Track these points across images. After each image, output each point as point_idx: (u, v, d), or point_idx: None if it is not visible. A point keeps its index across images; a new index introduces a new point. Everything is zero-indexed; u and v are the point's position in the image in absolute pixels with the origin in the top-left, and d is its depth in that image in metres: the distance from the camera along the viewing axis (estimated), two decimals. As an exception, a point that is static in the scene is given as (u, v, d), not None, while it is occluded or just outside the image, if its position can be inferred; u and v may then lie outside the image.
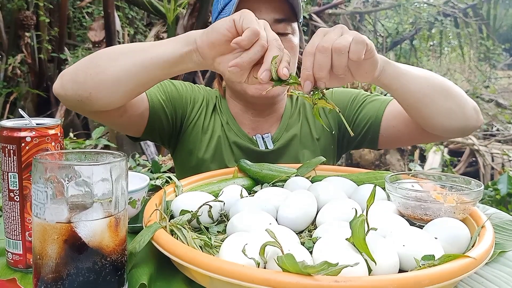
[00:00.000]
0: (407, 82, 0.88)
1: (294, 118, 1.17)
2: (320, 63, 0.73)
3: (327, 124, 1.17)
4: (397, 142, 1.14)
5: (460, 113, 0.95)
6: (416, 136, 1.06)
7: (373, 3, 7.39)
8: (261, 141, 1.13)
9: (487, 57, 7.82)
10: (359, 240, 0.53)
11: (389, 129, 1.09)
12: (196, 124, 1.13)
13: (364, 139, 1.14)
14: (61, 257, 0.50)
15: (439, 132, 0.98)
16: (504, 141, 5.60)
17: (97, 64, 0.83)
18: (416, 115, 0.96)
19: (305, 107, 1.20)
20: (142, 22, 6.07)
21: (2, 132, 0.62)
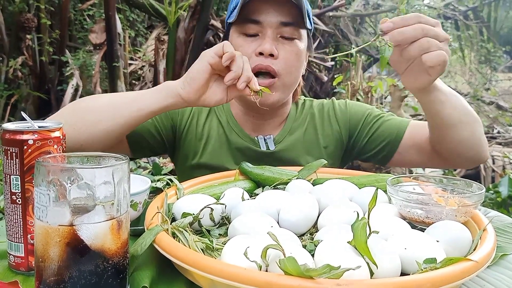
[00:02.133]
0: (450, 104, 0.94)
1: (298, 123, 1.17)
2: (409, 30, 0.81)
3: (338, 133, 1.17)
4: (407, 163, 1.16)
5: (478, 145, 1.01)
6: (427, 161, 1.11)
7: (374, 6, 7.40)
8: (263, 141, 1.13)
9: (488, 60, 7.83)
10: (360, 243, 0.53)
11: (407, 150, 1.12)
12: (188, 131, 1.14)
13: (378, 155, 1.15)
14: (63, 259, 0.50)
15: (453, 158, 1.03)
16: (505, 143, 5.60)
17: (85, 119, 0.91)
18: (441, 136, 1.00)
19: (313, 116, 1.19)
20: (143, 25, 6.09)
21: (4, 135, 0.62)
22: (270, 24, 1.01)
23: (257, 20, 1.01)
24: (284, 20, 1.02)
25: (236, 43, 1.04)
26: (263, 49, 1.01)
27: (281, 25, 1.02)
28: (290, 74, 1.05)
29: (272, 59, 1.01)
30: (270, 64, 1.01)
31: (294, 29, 1.03)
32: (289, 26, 1.02)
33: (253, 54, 1.02)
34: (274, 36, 1.02)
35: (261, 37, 1.03)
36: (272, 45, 1.01)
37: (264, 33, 1.02)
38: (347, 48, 6.59)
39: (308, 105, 1.21)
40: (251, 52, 1.02)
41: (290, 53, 1.03)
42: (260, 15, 1.01)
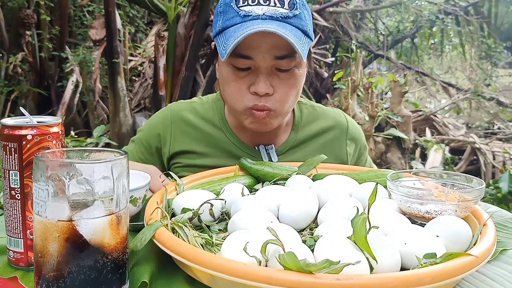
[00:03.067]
0: None
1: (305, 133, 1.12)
2: None
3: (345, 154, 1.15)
4: None
5: None
6: None
7: (374, 1, 7.39)
8: (264, 152, 1.07)
9: (488, 55, 7.81)
10: (360, 238, 0.53)
11: None
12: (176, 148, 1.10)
13: None
14: (62, 255, 0.50)
15: None
16: (505, 139, 5.60)
17: None
18: None
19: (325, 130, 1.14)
20: (143, 21, 6.07)
21: (3, 130, 0.62)
22: (263, 59, 0.92)
23: (249, 56, 0.92)
24: (278, 54, 0.92)
25: (227, 76, 0.97)
26: (257, 89, 0.93)
27: (276, 59, 0.92)
28: (287, 103, 0.98)
29: (268, 97, 0.95)
30: (265, 104, 0.94)
31: (290, 60, 0.94)
32: (285, 59, 0.93)
33: (247, 91, 0.95)
34: (268, 71, 0.94)
35: (253, 71, 0.94)
36: (267, 82, 0.93)
37: (256, 67, 0.93)
38: (348, 44, 6.58)
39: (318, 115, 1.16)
40: (245, 89, 0.95)
41: (286, 86, 0.96)
42: (252, 50, 0.91)
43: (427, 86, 7.44)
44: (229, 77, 0.97)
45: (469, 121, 7.03)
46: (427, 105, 7.76)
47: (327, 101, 5.85)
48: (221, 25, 0.95)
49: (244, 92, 0.96)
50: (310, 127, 1.14)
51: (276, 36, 0.87)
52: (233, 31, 0.90)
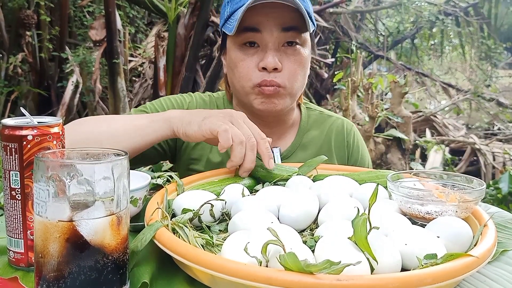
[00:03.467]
0: None
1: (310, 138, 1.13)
2: None
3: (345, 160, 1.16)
4: None
5: None
6: None
7: (374, 2, 7.39)
8: None
9: (488, 56, 7.82)
10: (361, 239, 0.53)
11: None
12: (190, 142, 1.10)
13: None
14: (63, 255, 0.50)
15: None
16: (505, 140, 5.60)
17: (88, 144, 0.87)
18: None
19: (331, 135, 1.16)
20: (143, 21, 6.08)
21: (3, 130, 0.62)
22: (270, 31, 0.96)
23: (256, 28, 0.96)
24: (285, 25, 0.97)
25: (236, 57, 1.00)
26: (266, 64, 0.97)
27: (282, 31, 0.97)
28: (296, 82, 1.01)
29: (276, 72, 0.98)
30: (273, 79, 0.98)
31: (296, 34, 0.98)
32: (291, 31, 0.98)
33: (256, 68, 0.98)
34: (276, 47, 0.98)
35: (262, 48, 0.99)
36: (275, 57, 0.97)
37: (264, 43, 0.98)
38: (348, 45, 6.58)
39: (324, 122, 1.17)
40: (254, 67, 0.98)
41: (293, 63, 1.00)
42: (258, 22, 0.96)
43: (427, 87, 7.45)
44: (238, 57, 1.00)
45: (469, 122, 7.03)
46: (427, 105, 7.76)
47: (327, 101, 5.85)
48: (229, 10, 0.99)
49: (252, 70, 0.99)
50: (315, 132, 1.15)
51: (282, 9, 0.94)
52: (241, 9, 0.94)
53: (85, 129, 0.92)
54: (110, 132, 0.90)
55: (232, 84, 1.06)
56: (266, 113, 1.03)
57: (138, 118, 0.91)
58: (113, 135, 0.89)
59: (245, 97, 1.04)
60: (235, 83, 1.03)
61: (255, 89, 0.99)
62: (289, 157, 1.10)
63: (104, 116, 0.99)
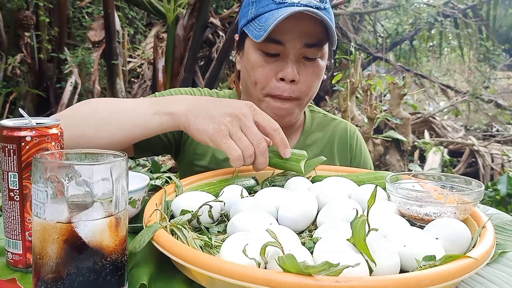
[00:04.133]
0: None
1: (313, 139, 1.14)
2: None
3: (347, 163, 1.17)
4: None
5: None
6: None
7: (373, 4, 7.40)
8: None
9: (487, 58, 7.84)
10: (359, 240, 0.53)
11: None
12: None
13: None
14: (61, 257, 0.49)
15: None
16: (503, 141, 5.61)
17: (84, 133, 0.85)
18: None
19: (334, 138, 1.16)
20: (142, 22, 6.08)
21: (2, 131, 0.62)
22: (294, 45, 0.96)
23: (281, 41, 0.96)
24: (308, 42, 0.97)
25: (255, 62, 0.99)
26: (285, 75, 0.97)
27: (305, 47, 0.97)
28: (310, 94, 1.02)
29: (293, 85, 0.98)
30: (291, 94, 0.98)
31: (318, 50, 0.99)
32: (313, 47, 0.98)
33: (274, 78, 0.98)
34: (297, 58, 0.98)
35: (282, 58, 0.98)
36: (294, 69, 0.97)
37: (286, 54, 0.98)
38: (347, 46, 6.59)
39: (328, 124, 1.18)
40: (272, 76, 0.98)
41: (311, 75, 1.00)
42: (284, 36, 0.96)
43: (426, 88, 7.46)
44: (258, 63, 0.99)
45: (468, 123, 7.04)
46: (426, 107, 7.77)
47: (326, 103, 5.86)
48: (254, 12, 0.99)
49: (270, 78, 0.99)
50: (318, 134, 1.16)
51: (308, 24, 0.94)
52: (269, 15, 0.94)
53: (86, 112, 0.90)
54: (112, 113, 0.87)
55: (246, 87, 1.06)
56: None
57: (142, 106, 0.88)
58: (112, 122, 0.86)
59: (253, 101, 1.03)
60: (249, 85, 1.03)
61: (268, 97, 1.00)
62: None
63: (109, 100, 0.93)
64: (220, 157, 1.08)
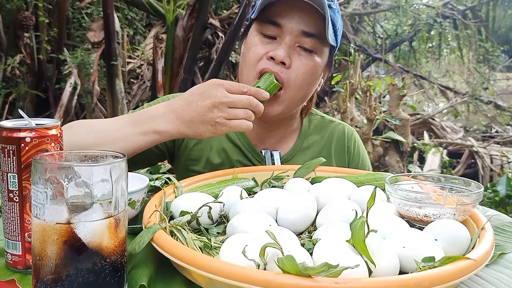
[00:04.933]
0: None
1: (311, 142, 1.14)
2: None
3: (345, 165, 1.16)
4: None
5: None
6: None
7: (372, 5, 7.41)
8: (269, 158, 1.08)
9: (486, 59, 7.84)
10: (359, 242, 0.53)
11: None
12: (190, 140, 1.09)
13: None
14: (60, 258, 0.49)
15: None
16: (503, 142, 5.62)
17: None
18: None
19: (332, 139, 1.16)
20: (141, 23, 6.08)
21: (1, 132, 0.62)
22: (291, 30, 0.95)
23: (278, 23, 0.95)
24: (307, 30, 0.95)
25: (251, 41, 0.99)
26: (275, 54, 0.94)
27: (302, 34, 0.95)
28: (300, 88, 0.99)
29: (283, 67, 0.95)
30: (279, 72, 0.95)
31: (315, 42, 0.96)
32: (311, 38, 0.96)
33: (265, 56, 0.97)
34: (291, 44, 0.96)
35: (278, 41, 0.97)
36: (286, 52, 0.95)
37: (282, 38, 0.96)
38: (346, 47, 6.60)
39: (325, 126, 1.17)
40: (263, 54, 0.97)
41: (304, 66, 0.97)
42: (282, 18, 0.95)
43: (425, 89, 7.46)
44: (253, 42, 0.99)
45: (467, 125, 7.04)
46: (425, 108, 7.77)
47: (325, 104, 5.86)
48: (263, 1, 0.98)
49: (261, 56, 0.97)
50: (316, 137, 1.15)
51: (310, 13, 0.94)
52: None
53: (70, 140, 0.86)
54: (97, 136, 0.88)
55: (241, 71, 1.04)
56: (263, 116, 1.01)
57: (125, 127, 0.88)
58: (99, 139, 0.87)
59: None
60: (243, 69, 1.02)
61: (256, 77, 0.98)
62: (289, 161, 1.10)
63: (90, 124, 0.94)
64: (215, 162, 1.08)
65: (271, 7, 0.95)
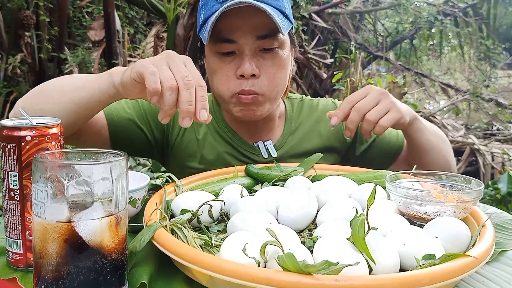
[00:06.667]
0: (427, 137, 1.05)
1: (298, 123, 1.14)
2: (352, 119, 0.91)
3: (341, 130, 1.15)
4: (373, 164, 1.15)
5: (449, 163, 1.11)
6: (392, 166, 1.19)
7: (373, 3, 7.39)
8: (264, 148, 1.08)
9: (487, 56, 7.82)
10: (359, 239, 0.53)
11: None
12: (184, 136, 1.08)
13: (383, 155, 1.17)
14: (61, 256, 0.50)
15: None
16: (504, 140, 5.60)
17: (39, 100, 0.87)
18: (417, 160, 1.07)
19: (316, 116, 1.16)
20: (142, 22, 6.07)
21: (2, 131, 0.62)
22: (246, 41, 0.94)
23: (232, 39, 0.95)
24: (260, 34, 0.94)
25: (214, 65, 0.99)
26: (243, 71, 0.94)
27: (258, 39, 0.95)
28: (275, 87, 0.99)
29: (254, 79, 0.96)
30: (251, 88, 0.96)
31: (271, 40, 0.96)
32: (266, 39, 0.95)
33: (234, 76, 0.97)
34: (252, 53, 0.96)
35: (238, 55, 0.96)
36: (252, 64, 0.95)
37: (241, 51, 0.96)
38: (347, 45, 6.59)
39: (308, 105, 1.18)
40: (232, 74, 0.97)
41: (271, 67, 0.97)
42: (233, 33, 0.94)
43: (426, 87, 7.44)
44: (215, 65, 0.98)
45: (468, 122, 7.03)
46: (426, 106, 7.76)
47: (326, 102, 5.83)
48: (203, 17, 0.97)
49: (230, 78, 0.97)
50: (301, 118, 1.16)
51: (256, 16, 0.92)
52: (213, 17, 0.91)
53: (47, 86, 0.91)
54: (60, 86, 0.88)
55: (212, 90, 1.06)
56: (246, 119, 1.02)
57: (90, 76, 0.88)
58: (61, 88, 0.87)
59: (224, 104, 1.03)
60: (215, 89, 1.03)
61: (234, 97, 0.98)
62: (282, 146, 1.10)
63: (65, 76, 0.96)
64: (210, 158, 1.07)
65: (217, 25, 0.92)
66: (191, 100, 0.68)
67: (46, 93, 0.88)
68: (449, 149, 1.12)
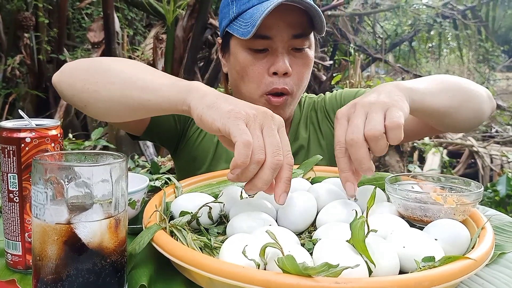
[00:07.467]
0: (431, 102, 0.83)
1: (301, 125, 1.14)
2: (357, 157, 0.66)
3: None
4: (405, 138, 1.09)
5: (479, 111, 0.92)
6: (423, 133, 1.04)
7: (372, 5, 7.40)
8: None
9: (486, 59, 7.84)
10: (359, 242, 0.53)
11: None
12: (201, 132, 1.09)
13: None
14: (60, 258, 0.49)
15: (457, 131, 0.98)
16: (503, 142, 5.61)
17: (96, 80, 0.78)
18: (440, 126, 0.95)
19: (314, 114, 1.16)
20: (141, 23, 6.08)
21: (1, 133, 0.62)
22: (281, 39, 0.95)
23: (268, 36, 0.95)
24: (296, 33, 0.96)
25: (244, 60, 0.98)
26: (278, 68, 0.95)
27: (293, 38, 0.96)
28: (302, 86, 1.02)
29: (286, 77, 0.97)
30: (284, 86, 0.97)
31: (305, 39, 0.98)
32: (301, 38, 0.97)
33: (266, 73, 0.97)
34: (286, 51, 0.97)
35: (271, 52, 0.97)
36: (286, 62, 0.96)
37: (274, 48, 0.96)
38: (346, 47, 6.60)
39: (309, 103, 1.18)
40: (264, 72, 0.97)
41: (302, 66, 0.99)
42: (270, 30, 0.95)
43: (425, 89, 7.44)
44: (248, 61, 0.98)
45: (467, 124, 7.02)
46: (425, 108, 7.76)
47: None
48: (236, 11, 0.97)
49: (263, 75, 0.97)
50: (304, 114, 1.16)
51: (293, 14, 0.93)
52: (254, 10, 0.92)
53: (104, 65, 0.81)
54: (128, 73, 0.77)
55: (237, 88, 1.04)
56: None
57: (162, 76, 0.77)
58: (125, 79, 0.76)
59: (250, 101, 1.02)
60: (242, 87, 1.01)
61: (263, 97, 0.99)
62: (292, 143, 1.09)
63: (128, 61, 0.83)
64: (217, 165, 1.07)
65: None
66: (269, 180, 0.62)
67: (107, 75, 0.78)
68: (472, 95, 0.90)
